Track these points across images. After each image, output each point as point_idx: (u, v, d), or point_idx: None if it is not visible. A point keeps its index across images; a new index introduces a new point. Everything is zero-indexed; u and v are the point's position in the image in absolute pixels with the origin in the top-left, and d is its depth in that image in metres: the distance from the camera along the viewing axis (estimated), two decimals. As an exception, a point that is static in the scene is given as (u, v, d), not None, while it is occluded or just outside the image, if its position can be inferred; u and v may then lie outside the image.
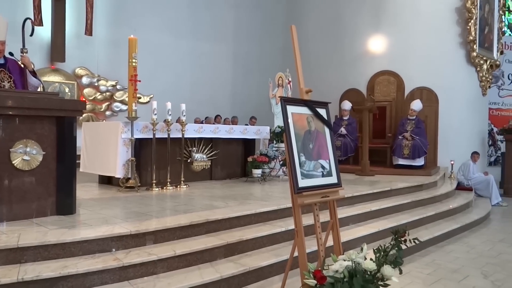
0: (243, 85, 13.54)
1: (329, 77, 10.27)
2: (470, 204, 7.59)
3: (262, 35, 13.74)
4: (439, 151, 9.46)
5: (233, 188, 5.91)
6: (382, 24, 9.72)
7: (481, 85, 10.37)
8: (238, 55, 13.70)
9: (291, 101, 3.07)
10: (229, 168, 7.00)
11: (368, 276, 2.59)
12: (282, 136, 6.81)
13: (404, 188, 6.59)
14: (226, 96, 13.44)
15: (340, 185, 3.15)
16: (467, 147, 9.60)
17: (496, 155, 12.84)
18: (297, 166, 2.88)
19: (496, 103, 13.09)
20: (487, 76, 10.42)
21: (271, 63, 12.42)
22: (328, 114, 3.25)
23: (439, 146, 9.46)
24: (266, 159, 6.68)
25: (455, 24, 9.63)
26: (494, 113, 12.97)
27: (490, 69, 10.52)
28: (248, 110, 12.39)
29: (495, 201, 8.79)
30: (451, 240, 5.69)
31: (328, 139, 3.19)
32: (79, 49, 11.17)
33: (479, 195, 8.91)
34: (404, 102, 9.54)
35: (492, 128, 12.70)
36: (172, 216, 3.92)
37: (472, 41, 9.61)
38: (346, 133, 9.34)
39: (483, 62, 10.17)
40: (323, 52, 10.48)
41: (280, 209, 4.44)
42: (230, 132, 6.79)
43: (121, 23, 11.50)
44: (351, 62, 10.06)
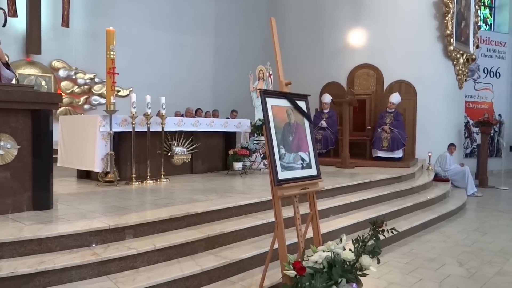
0: (224, 78, 13.48)
1: (310, 70, 10.31)
2: (446, 195, 7.76)
3: (243, 28, 13.68)
4: (417, 143, 9.62)
5: (214, 182, 5.89)
6: (362, 18, 9.79)
7: (458, 78, 10.57)
8: (219, 48, 13.61)
9: (270, 94, 3.06)
10: (210, 161, 6.97)
11: (347, 266, 2.63)
12: (263, 129, 6.81)
13: (383, 180, 6.68)
14: (207, 89, 13.36)
15: (320, 177, 3.17)
16: (444, 139, 9.79)
17: (472, 147, 13.15)
18: (277, 159, 2.88)
19: (472, 96, 13.38)
20: (463, 70, 10.63)
21: (252, 56, 12.38)
22: (308, 107, 3.26)
23: (417, 138, 9.62)
24: (247, 152, 6.68)
25: (433, 18, 9.76)
26: (470, 106, 13.25)
27: (466, 63, 10.73)
28: (229, 103, 12.34)
29: (470, 192, 9.01)
30: (428, 230, 5.81)
31: (308, 131, 3.20)
32: (55, 41, 10.91)
33: (455, 186, 9.11)
34: (383, 95, 9.65)
35: (468, 120, 12.99)
36: (152, 210, 3.89)
37: (449, 35, 9.76)
38: (327, 126, 9.40)
39: (460, 56, 10.35)
40: (304, 45, 10.49)
41: (261, 202, 4.45)
42: (211, 125, 6.75)
43: (99, 14, 11.27)
44: (331, 55, 10.11)
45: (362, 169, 7.82)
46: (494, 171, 11.80)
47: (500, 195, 9.31)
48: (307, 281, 2.52)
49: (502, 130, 13.67)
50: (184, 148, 6.40)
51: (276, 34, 3.15)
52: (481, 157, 10.75)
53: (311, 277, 2.55)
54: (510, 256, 4.69)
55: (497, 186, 10.12)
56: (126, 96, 11.33)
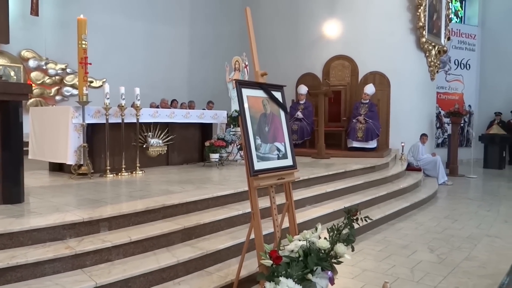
0: (200, 69, 13.36)
1: (286, 61, 10.33)
2: (419, 184, 7.96)
3: (219, 18, 13.56)
4: (391, 133, 9.80)
5: (190, 173, 5.87)
6: (337, 9, 9.84)
7: (430, 70, 10.80)
8: (194, 38, 13.46)
9: (246, 84, 3.06)
10: (186, 153, 6.93)
11: (322, 255, 2.67)
12: (239, 120, 6.81)
13: (358, 169, 6.80)
14: (183, 80, 13.22)
15: (295, 167, 3.20)
16: (417, 129, 10.01)
17: (443, 137, 13.51)
18: (253, 149, 2.89)
19: (443, 87, 13.71)
20: (435, 62, 10.86)
21: (228, 47, 12.30)
22: (283, 97, 3.28)
23: (390, 128, 9.80)
24: (223, 143, 6.67)
25: (406, 10, 9.90)
26: (442, 97, 13.59)
27: (438, 55, 10.96)
28: (205, 94, 12.25)
29: (441, 181, 9.26)
30: (401, 218, 5.96)
31: (284, 122, 3.22)
32: (24, 30, 10.56)
33: (427, 175, 9.35)
34: (358, 86, 9.77)
35: (440, 111, 13.32)
36: (127, 202, 3.85)
37: (421, 27, 9.94)
38: (303, 117, 9.47)
39: (432, 48, 10.57)
40: (279, 36, 10.49)
41: (238, 193, 4.46)
42: (186, 116, 6.70)
43: (70, 2, 10.95)
44: (307, 46, 10.15)
45: (337, 159, 7.93)
46: (464, 160, 12.16)
47: (470, 183, 9.61)
48: (283, 270, 2.55)
49: (472, 121, 14.08)
50: (160, 140, 6.34)
51: (252, 24, 3.14)
52: (452, 147, 11.05)
53: (287, 265, 2.59)
54: (477, 242, 4.87)
55: (467, 175, 10.44)
56: (99, 87, 11.10)
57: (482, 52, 14.34)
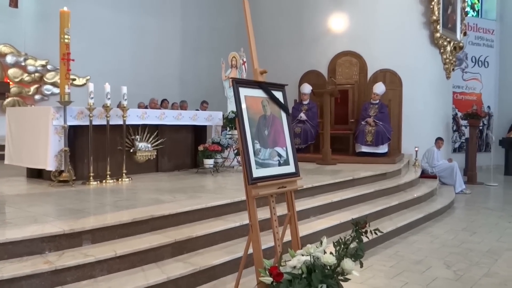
0: (193, 66, 13.37)
1: (287, 57, 10.34)
2: (434, 193, 7.96)
3: (214, 10, 13.58)
4: (403, 137, 9.80)
5: (182, 181, 5.86)
6: (344, 1, 9.86)
7: (445, 67, 10.82)
8: (187, 32, 13.48)
9: (244, 83, 3.06)
10: (177, 158, 6.93)
11: (328, 271, 2.65)
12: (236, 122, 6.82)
13: (367, 177, 6.79)
14: (174, 78, 13.23)
15: (298, 175, 3.19)
16: (431, 132, 10.01)
17: (460, 141, 13.52)
18: (251, 155, 2.88)
19: (460, 86, 13.73)
20: (450, 58, 10.89)
21: (224, 42, 12.32)
22: (285, 97, 3.28)
23: (403, 132, 9.79)
24: (218, 148, 6.67)
25: (418, 3, 9.93)
26: (458, 97, 13.61)
27: (453, 51, 10.99)
28: (199, 93, 12.26)
29: (459, 189, 9.26)
30: (415, 231, 5.94)
31: (285, 124, 3.21)
32: (2, 23, 10.57)
33: (443, 183, 9.35)
34: (367, 85, 9.78)
35: (456, 113, 13.33)
36: (112, 212, 3.84)
37: (435, 21, 9.97)
38: (306, 118, 9.47)
39: (447, 44, 10.60)
40: (281, 30, 10.50)
41: (234, 203, 4.45)
42: (178, 118, 6.71)
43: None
44: (311, 41, 10.16)
45: (344, 165, 7.92)
46: (483, 167, 12.17)
47: (489, 192, 9.61)
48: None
49: (491, 123, 14.11)
50: (148, 144, 6.35)
51: (250, 17, 3.15)
52: (470, 152, 11.06)
53: (289, 283, 2.57)
54: (498, 257, 4.86)
55: (486, 183, 10.44)
56: (83, 85, 11.11)
57: (501, 48, 14.37)
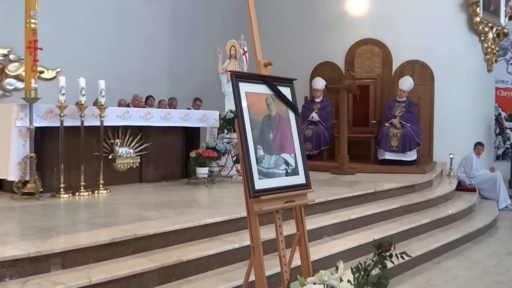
0: (185, 57, 13.40)
1: (297, 46, 10.35)
2: (473, 209, 7.92)
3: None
4: (436, 141, 9.78)
5: (170, 193, 5.87)
6: (364, -21, 9.91)
7: (486, 58, 10.81)
8: (177, 17, 13.52)
9: (245, 77, 3.06)
10: (165, 166, 6.94)
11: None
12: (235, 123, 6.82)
13: (392, 189, 6.79)
14: (162, 71, 13.25)
15: (309, 187, 3.19)
16: (470, 136, 9.97)
17: (505, 146, 13.46)
18: (253, 162, 2.88)
19: (505, 81, 13.69)
20: (493, 48, 10.87)
21: (221, 28, 12.35)
22: (294, 94, 3.28)
23: (435, 135, 9.78)
24: (214, 154, 6.67)
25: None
26: (502, 94, 13.56)
27: (496, 39, 10.97)
28: (191, 89, 12.27)
29: (503, 205, 9.22)
30: (450, 254, 5.92)
31: (294, 126, 3.22)
32: (-45, 5, 10.63)
33: (484, 196, 9.31)
34: (391, 80, 9.78)
35: (500, 112, 13.29)
36: (87, 231, 3.83)
37: (474, 3, 9.96)
38: (319, 119, 9.48)
39: (488, 30, 10.59)
40: (289, 14, 10.53)
41: (233, 220, 4.45)
42: (166, 118, 6.73)
43: (15, -30, 11.05)
44: (325, 27, 10.18)
45: (364, 175, 7.92)
46: (532, 178, 12.11)
47: (540, 208, 9.56)
48: (293, 324, 2.52)
49: (542, 125, 14.06)
50: (131, 149, 6.36)
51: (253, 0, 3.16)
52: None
53: (298, 318, 2.56)
54: (552, 287, 4.83)
55: (537, 197, 10.40)
56: (52, 79, 11.10)
57: (555, 35, 14.36)
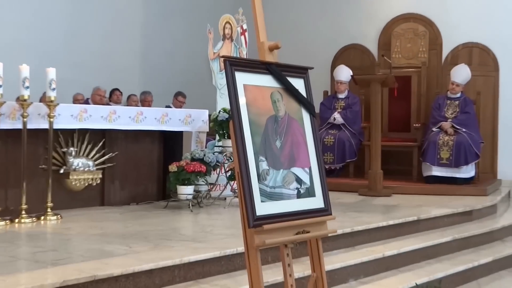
0: (162, 38, 13.41)
1: (313, 25, 10.39)
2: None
3: None
4: (501, 152, 9.79)
5: (142, 220, 5.86)
6: None
7: None
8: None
9: (243, 65, 3.06)
10: (135, 184, 6.96)
11: None
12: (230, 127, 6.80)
13: (442, 217, 6.78)
14: (132, 56, 13.26)
15: (330, 212, 3.19)
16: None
17: None
18: (254, 180, 2.88)
19: None
20: None
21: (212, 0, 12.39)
22: (309, 88, 3.29)
23: (500, 144, 9.78)
24: (202, 167, 6.65)
25: None
26: None
27: None
28: (172, 81, 12.29)
29: None
30: (520, 306, 5.92)
31: (309, 131, 3.22)
32: None
33: None
34: (441, 69, 9.82)
35: None
36: (30, 271, 3.82)
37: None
38: (343, 121, 9.48)
39: None
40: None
41: (226, 257, 4.45)
42: (137, 119, 6.72)
43: None
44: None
45: (404, 198, 7.92)
46: None
47: None
48: None
49: None
50: (89, 161, 6.37)
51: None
52: None
53: None
54: None
55: None
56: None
57: None
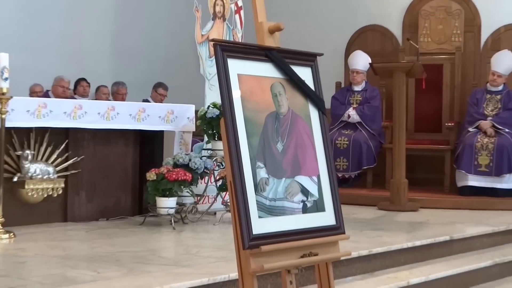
0: (139, 16, 13.46)
1: (324, 3, 10.41)
2: None
3: None
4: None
5: (113, 240, 5.88)
6: None
7: None
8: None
9: (237, 50, 3.08)
10: (105, 195, 6.97)
11: None
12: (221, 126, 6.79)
13: (479, 236, 6.80)
14: (101, 38, 13.30)
15: (342, 231, 3.20)
16: None
17: None
18: (250, 190, 2.89)
19: None
20: None
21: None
22: (318, 79, 3.30)
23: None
24: (187, 175, 6.66)
25: None
26: None
27: None
28: (150, 69, 12.33)
29: None
30: None
31: (318, 131, 3.23)
32: None
33: None
34: (480, 57, 9.84)
35: None
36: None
37: None
38: (360, 119, 9.50)
39: None
40: None
41: (216, 284, 4.46)
42: (108, 116, 6.75)
43: None
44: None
45: (434, 213, 7.96)
46: None
47: None
48: None
49: None
50: (49, 167, 6.39)
51: None
52: None
53: None
54: None
55: None
56: None
57: None
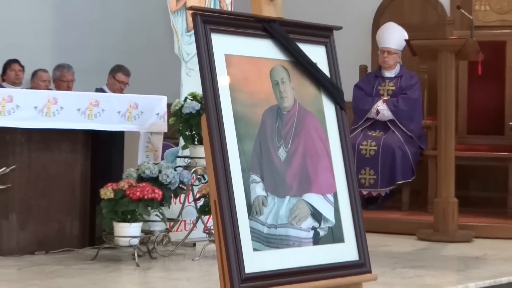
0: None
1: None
2: None
3: None
4: None
5: (55, 280, 5.89)
6: None
7: None
8: None
9: (225, 23, 3.10)
10: (44, 219, 7.03)
11: None
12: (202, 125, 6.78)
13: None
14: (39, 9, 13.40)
15: (368, 268, 3.22)
16: None
17: None
18: (241, 212, 2.91)
19: None
20: None
21: None
22: (335, 61, 3.32)
23: None
24: (156, 192, 6.69)
25: None
26: None
27: None
28: (106, 49, 12.42)
29: None
30: None
31: (334, 133, 3.25)
32: None
33: None
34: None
35: None
36: None
37: None
38: (392, 116, 9.56)
39: None
40: None
41: None
42: (48, 111, 6.82)
43: None
44: None
45: (494, 244, 8.03)
46: None
47: None
48: None
49: None
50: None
51: None
52: None
53: None
54: None
55: None
56: None
57: None
